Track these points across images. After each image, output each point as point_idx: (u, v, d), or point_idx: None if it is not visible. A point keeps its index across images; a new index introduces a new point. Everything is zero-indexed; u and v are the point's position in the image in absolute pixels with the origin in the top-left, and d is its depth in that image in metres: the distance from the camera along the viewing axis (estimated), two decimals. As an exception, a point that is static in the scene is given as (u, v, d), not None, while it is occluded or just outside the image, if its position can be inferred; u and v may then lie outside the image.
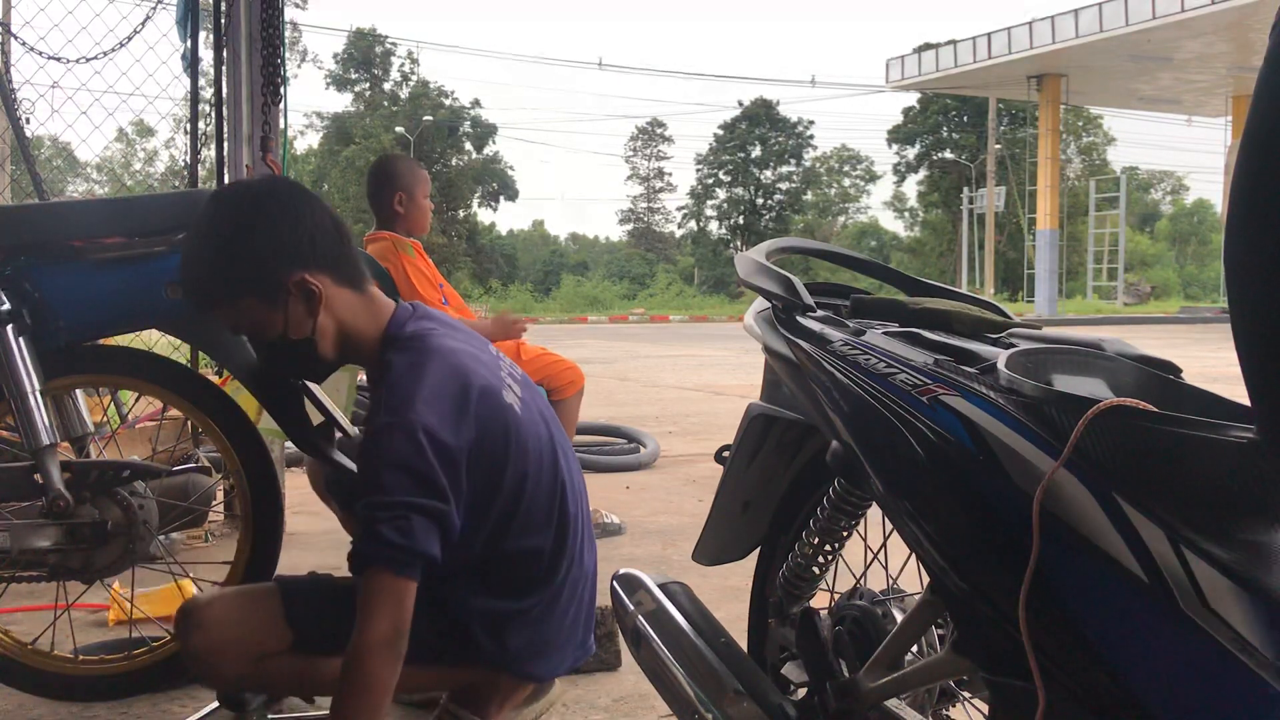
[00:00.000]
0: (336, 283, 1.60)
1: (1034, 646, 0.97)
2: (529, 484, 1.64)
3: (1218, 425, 0.91)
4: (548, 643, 1.70)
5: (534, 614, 1.66)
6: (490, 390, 1.61)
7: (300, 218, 1.59)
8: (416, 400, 1.51)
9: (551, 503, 1.67)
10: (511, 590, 1.65)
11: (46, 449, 2.00)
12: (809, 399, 1.34)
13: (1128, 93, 29.28)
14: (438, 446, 1.50)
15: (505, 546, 1.63)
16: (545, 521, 1.66)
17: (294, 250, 1.57)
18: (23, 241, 2.03)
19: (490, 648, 1.65)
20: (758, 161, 48.01)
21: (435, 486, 1.50)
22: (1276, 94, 0.78)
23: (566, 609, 1.71)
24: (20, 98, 4.20)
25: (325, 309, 1.60)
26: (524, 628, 1.66)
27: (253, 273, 1.57)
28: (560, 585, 1.68)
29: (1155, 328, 20.89)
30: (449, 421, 1.53)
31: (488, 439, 1.58)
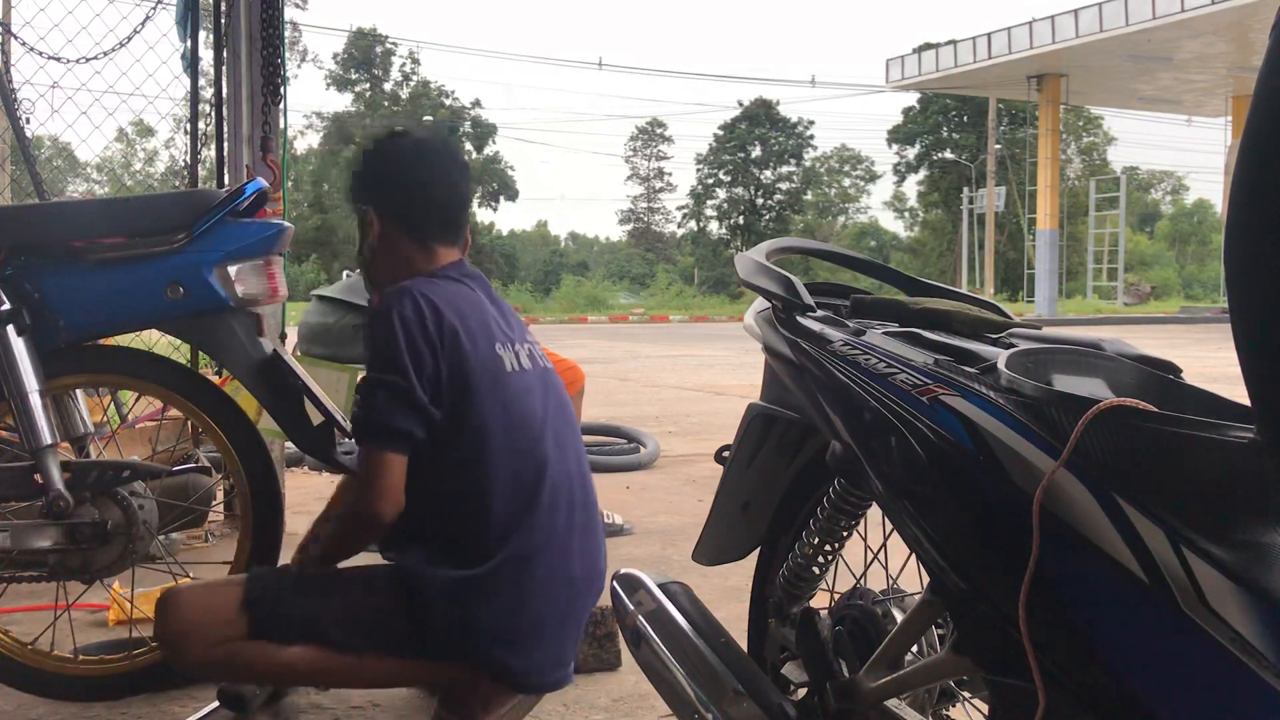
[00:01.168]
0: (399, 228, 1.85)
1: (1034, 646, 0.97)
2: (496, 436, 1.71)
3: (1218, 425, 0.91)
4: (516, 631, 1.70)
5: (492, 586, 1.68)
6: (482, 332, 1.76)
7: (404, 170, 1.87)
8: (405, 297, 1.72)
9: (523, 470, 1.72)
10: (464, 553, 1.69)
11: (46, 449, 2.00)
12: (809, 399, 1.34)
13: (1128, 93, 29.27)
14: (409, 333, 1.68)
15: (461, 496, 1.70)
16: (510, 483, 1.71)
17: (378, 191, 1.87)
18: (23, 241, 2.03)
19: (455, 624, 1.68)
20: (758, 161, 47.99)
21: (396, 365, 1.67)
22: (1276, 94, 0.78)
23: (538, 602, 1.71)
24: (20, 98, 4.20)
25: (381, 240, 1.86)
26: (484, 600, 1.68)
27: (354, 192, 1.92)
28: (522, 561, 1.69)
29: (1155, 328, 20.88)
30: (429, 319, 1.70)
31: (468, 361, 1.71)
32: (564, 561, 1.75)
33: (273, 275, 2.12)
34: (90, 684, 2.14)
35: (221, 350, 2.15)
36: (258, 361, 2.12)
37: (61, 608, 2.20)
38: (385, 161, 1.89)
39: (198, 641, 1.71)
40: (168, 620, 1.73)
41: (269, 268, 2.11)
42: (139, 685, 2.14)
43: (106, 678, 2.14)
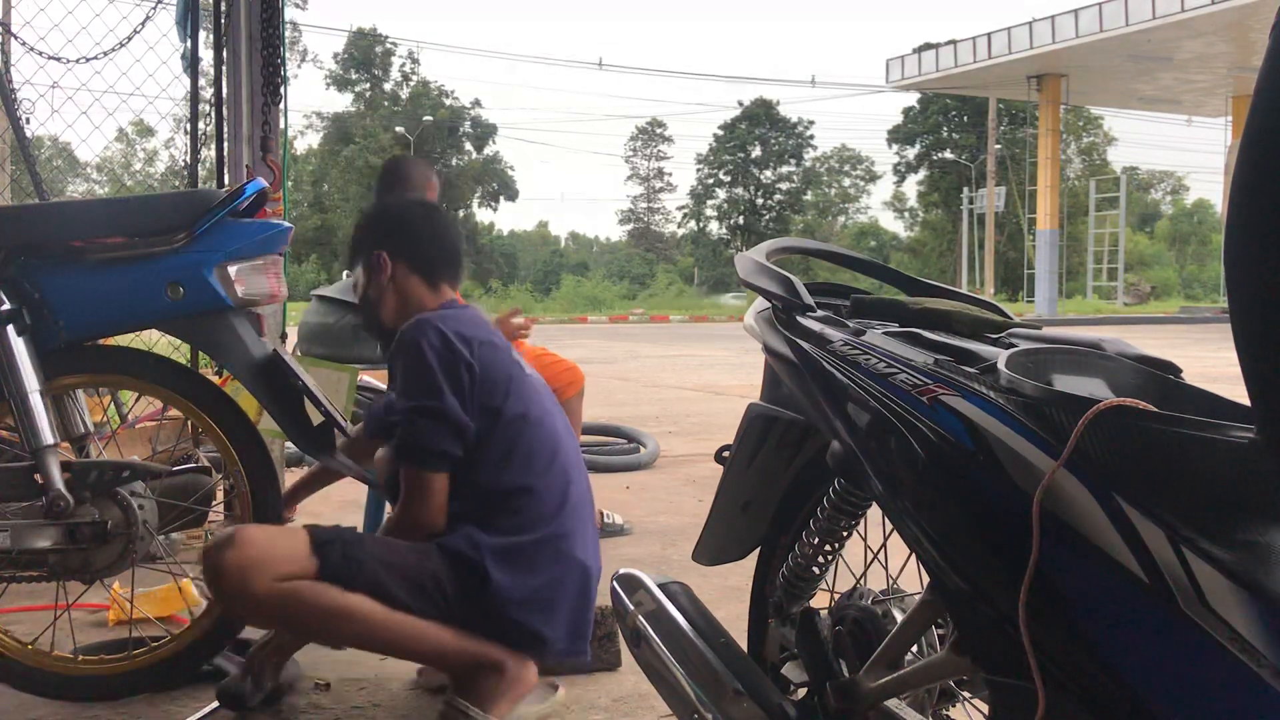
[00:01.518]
0: (412, 269, 2.08)
1: (1034, 646, 0.97)
2: (529, 425, 1.93)
3: (1218, 425, 0.91)
4: (549, 602, 1.88)
5: (536, 557, 1.87)
6: (498, 345, 1.97)
7: (418, 218, 2.12)
8: (427, 327, 1.90)
9: (552, 459, 1.94)
10: (513, 527, 1.87)
11: (46, 449, 2.00)
12: (809, 399, 1.34)
13: (1128, 93, 29.28)
14: (439, 356, 1.86)
15: (505, 481, 1.89)
16: (545, 468, 1.92)
17: (396, 236, 2.10)
18: (23, 241, 2.03)
19: (502, 587, 1.83)
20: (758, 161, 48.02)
21: (432, 388, 1.85)
22: (1276, 94, 0.78)
23: (566, 578, 1.90)
24: (20, 98, 4.20)
25: (393, 281, 2.08)
26: (528, 568, 1.86)
27: (363, 239, 2.14)
28: (559, 539, 1.90)
29: (1155, 328, 20.89)
30: (453, 340, 1.88)
31: (492, 371, 1.91)
32: (584, 547, 1.94)
33: (273, 275, 2.12)
34: (90, 684, 2.14)
35: (221, 350, 2.15)
36: (258, 361, 2.12)
37: (61, 608, 2.20)
38: (400, 211, 2.16)
39: (265, 573, 1.76)
40: (236, 549, 1.77)
41: (269, 268, 2.11)
42: (139, 685, 2.14)
43: (106, 678, 2.14)
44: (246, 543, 1.79)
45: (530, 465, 1.91)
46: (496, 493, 1.89)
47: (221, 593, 1.82)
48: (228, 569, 1.77)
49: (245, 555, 1.77)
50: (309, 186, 41.40)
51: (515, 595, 1.84)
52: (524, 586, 1.85)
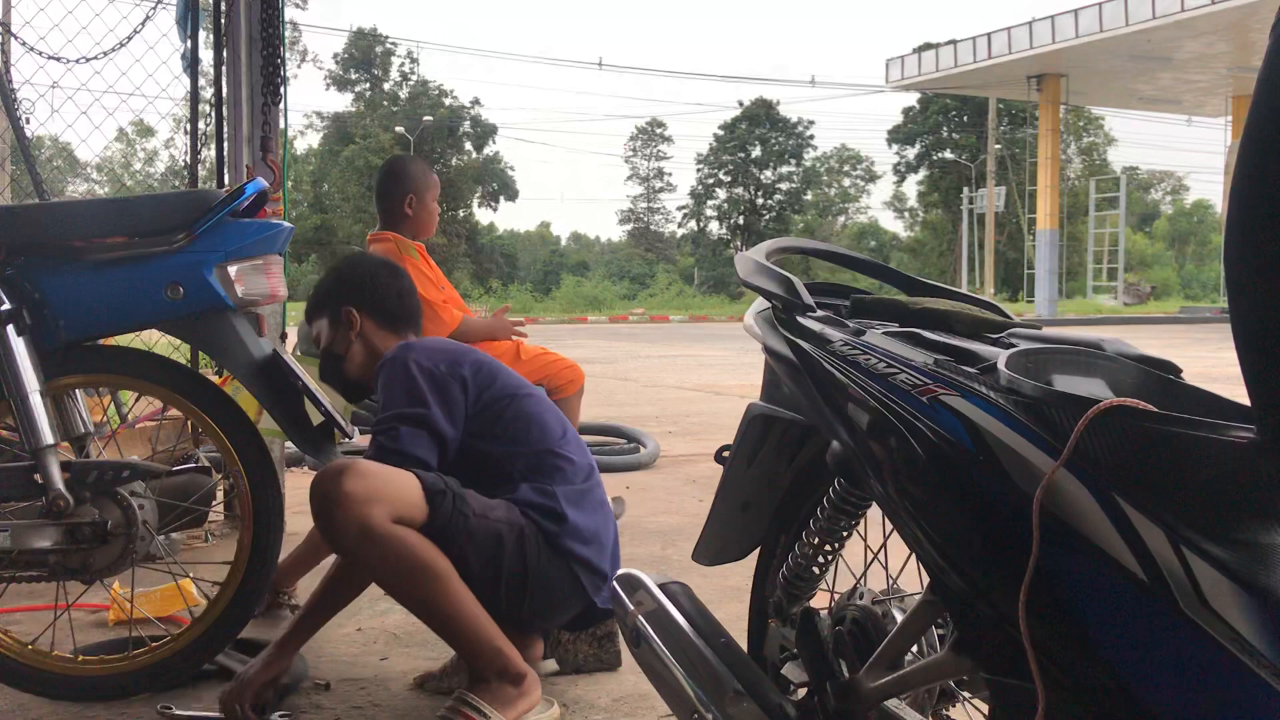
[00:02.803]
0: (378, 321, 2.26)
1: (1034, 646, 0.97)
2: (541, 402, 2.13)
3: (1218, 425, 0.91)
4: (604, 543, 2.06)
5: (588, 498, 2.06)
6: (482, 358, 2.13)
7: (378, 274, 2.29)
8: (408, 349, 2.06)
9: (566, 429, 2.13)
10: (565, 478, 2.05)
11: (46, 449, 2.00)
12: (809, 399, 1.34)
13: (1128, 93, 29.27)
14: (423, 370, 2.00)
15: (541, 443, 2.06)
16: (564, 435, 2.11)
17: (361, 293, 2.26)
18: (23, 241, 2.03)
19: (578, 523, 2.00)
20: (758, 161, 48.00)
21: (417, 396, 1.98)
22: (1276, 94, 0.78)
23: (611, 527, 2.09)
24: (20, 98, 4.20)
25: (361, 335, 2.25)
26: (586, 508, 2.04)
27: (328, 296, 2.29)
28: (596, 488, 2.10)
29: (1155, 328, 20.89)
30: (435, 361, 2.04)
31: (482, 372, 2.08)
32: (605, 512, 2.12)
33: (273, 275, 2.12)
34: (90, 684, 2.14)
35: (221, 350, 2.15)
36: (258, 361, 2.12)
37: (61, 608, 2.20)
38: (366, 269, 2.31)
39: (384, 509, 1.82)
40: (361, 479, 1.82)
41: (269, 268, 2.11)
42: (139, 685, 2.14)
43: (106, 678, 2.14)
44: (370, 474, 1.84)
45: (552, 433, 2.09)
46: (539, 453, 2.06)
47: (335, 521, 1.82)
48: (351, 497, 1.80)
49: (370, 487, 1.82)
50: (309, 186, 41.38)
51: (585, 533, 2.01)
52: (589, 525, 2.02)
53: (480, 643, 1.92)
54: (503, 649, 1.93)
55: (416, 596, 1.91)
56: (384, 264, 2.35)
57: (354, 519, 1.81)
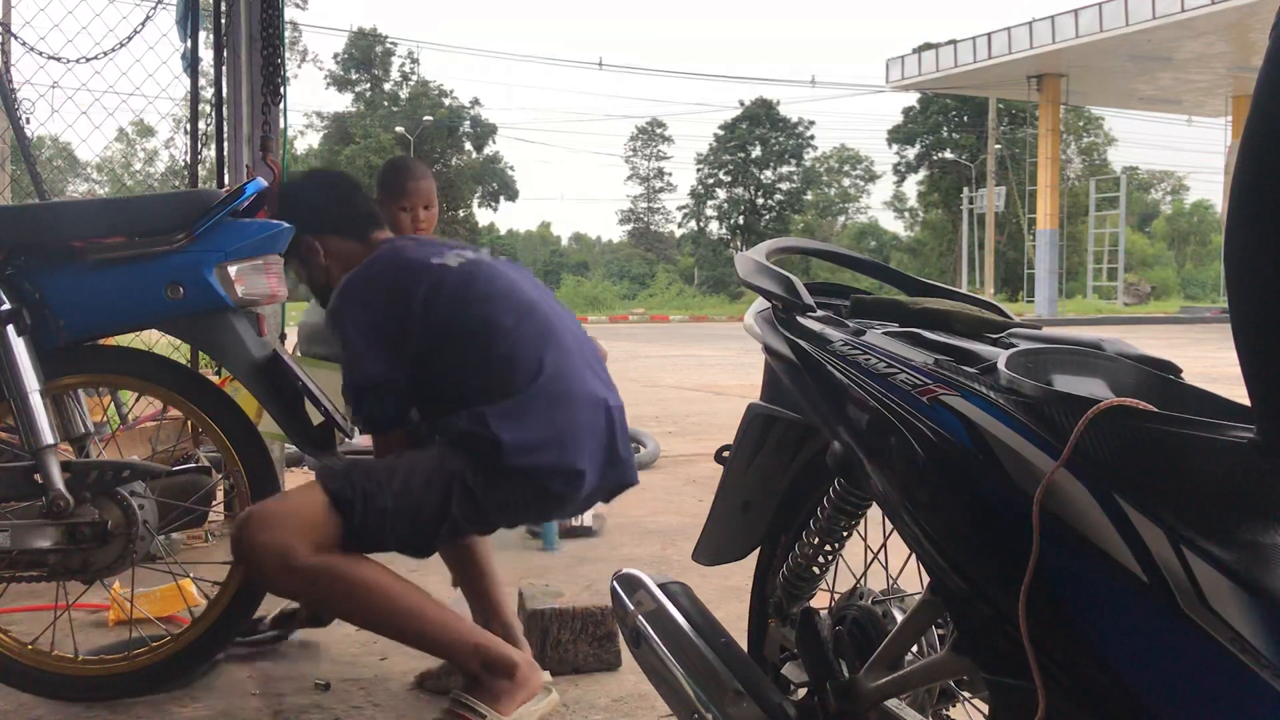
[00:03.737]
0: (341, 237, 2.17)
1: (1034, 646, 0.97)
2: (487, 302, 1.98)
3: (1218, 425, 0.91)
4: (569, 438, 1.91)
5: (538, 404, 1.91)
6: (419, 261, 2.02)
7: (319, 193, 2.23)
8: (342, 297, 1.99)
9: (520, 316, 1.98)
10: (506, 391, 1.92)
11: (46, 449, 2.00)
12: (809, 399, 1.34)
13: (1128, 93, 29.26)
14: (357, 324, 1.96)
15: (480, 359, 1.95)
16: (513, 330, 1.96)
17: (312, 219, 2.18)
18: (23, 241, 2.03)
19: (516, 440, 1.87)
20: (758, 161, 47.98)
21: (366, 366, 1.95)
22: (1276, 94, 0.78)
23: (578, 412, 1.94)
24: (20, 98, 4.20)
25: (331, 257, 2.17)
26: (532, 416, 1.91)
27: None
28: (554, 381, 1.94)
29: (1155, 328, 20.88)
30: (372, 306, 1.96)
31: (430, 293, 1.96)
32: (588, 383, 1.99)
33: (273, 275, 2.12)
34: (90, 684, 2.14)
35: (221, 350, 2.15)
36: (258, 361, 2.12)
37: (61, 608, 2.20)
38: (298, 194, 2.26)
39: (302, 544, 1.79)
40: (266, 531, 1.79)
41: (269, 268, 2.11)
42: (139, 685, 2.14)
43: (106, 678, 2.14)
44: (270, 518, 1.81)
45: (498, 334, 1.95)
46: (477, 371, 1.95)
47: (261, 574, 1.85)
48: (263, 548, 1.79)
49: (276, 532, 1.79)
50: (308, 186, 41.31)
51: (531, 443, 1.88)
52: (536, 434, 1.89)
53: (454, 643, 1.90)
54: (482, 643, 1.91)
55: (371, 616, 1.90)
56: (315, 184, 2.31)
57: (275, 567, 1.80)
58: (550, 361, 1.95)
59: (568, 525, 3.56)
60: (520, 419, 1.90)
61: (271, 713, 2.09)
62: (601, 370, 2.08)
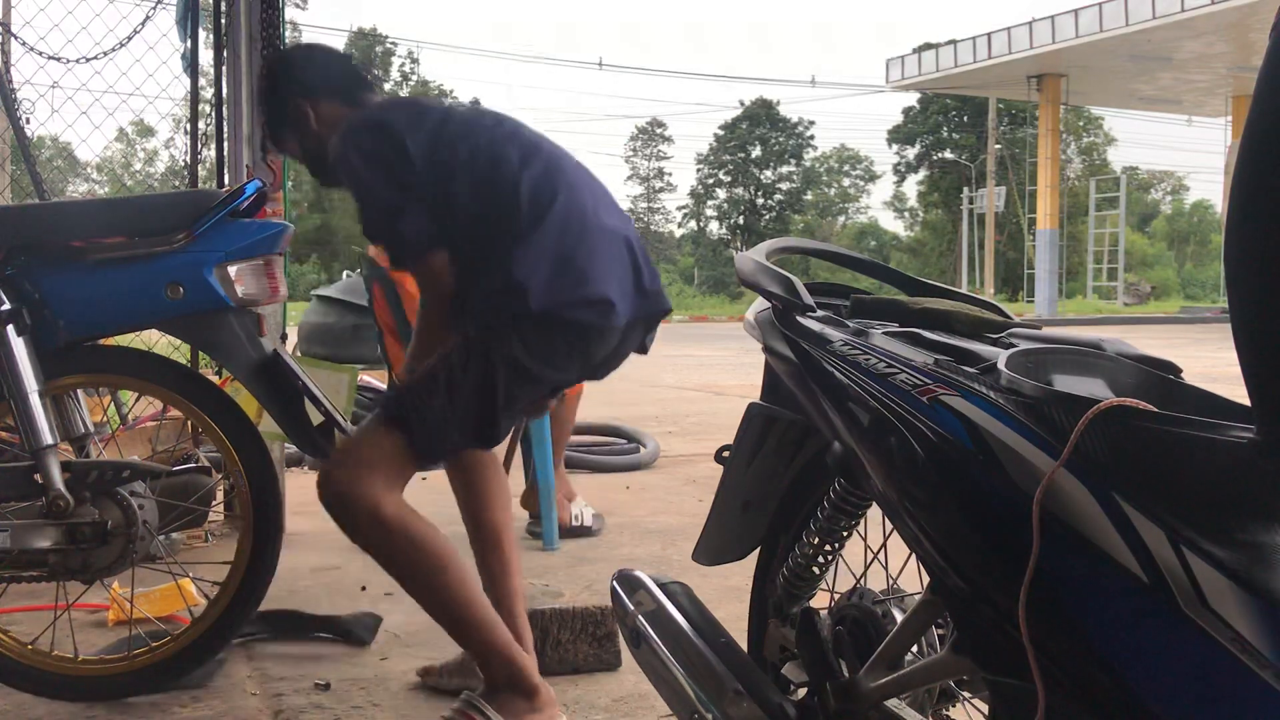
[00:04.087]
0: (333, 101, 2.13)
1: (1034, 646, 0.97)
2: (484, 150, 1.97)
3: (1218, 425, 0.91)
4: (587, 268, 1.90)
5: (545, 242, 1.89)
6: (413, 110, 2.03)
7: (312, 60, 2.21)
8: (344, 140, 1.98)
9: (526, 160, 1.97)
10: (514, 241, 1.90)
11: (46, 449, 2.01)
12: (809, 399, 1.34)
13: (1128, 93, 29.24)
14: (364, 154, 1.95)
15: (486, 202, 1.93)
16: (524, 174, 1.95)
17: (303, 84, 2.15)
18: (23, 241, 2.03)
19: (538, 281, 1.86)
20: (758, 161, 47.98)
21: (375, 191, 1.94)
22: (1276, 94, 0.78)
23: (590, 241, 1.93)
24: (20, 98, 4.20)
25: (321, 122, 2.12)
26: (546, 254, 1.89)
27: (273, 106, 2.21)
28: (562, 218, 1.92)
29: (1155, 328, 20.87)
30: (375, 131, 1.96)
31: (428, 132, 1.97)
32: (600, 217, 1.98)
33: (273, 275, 2.13)
34: (90, 684, 2.14)
35: (221, 350, 2.15)
36: (258, 361, 2.12)
37: (61, 608, 2.20)
38: (286, 62, 2.25)
39: (382, 482, 1.83)
40: (344, 469, 1.84)
41: (269, 268, 2.11)
42: (139, 685, 2.15)
43: (106, 678, 2.14)
44: (354, 472, 1.83)
45: (507, 169, 1.95)
46: (491, 208, 1.94)
47: (346, 521, 1.87)
48: (356, 505, 1.83)
49: (362, 487, 1.82)
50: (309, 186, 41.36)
51: (553, 282, 1.87)
52: (556, 271, 1.88)
53: (491, 649, 1.90)
54: (515, 659, 1.90)
55: (425, 591, 1.90)
56: (302, 51, 2.31)
57: (366, 519, 1.83)
58: (562, 196, 1.94)
59: (568, 525, 3.56)
60: (538, 260, 1.89)
61: (271, 713, 2.09)
62: (611, 203, 2.07)
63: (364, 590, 2.89)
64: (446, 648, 2.27)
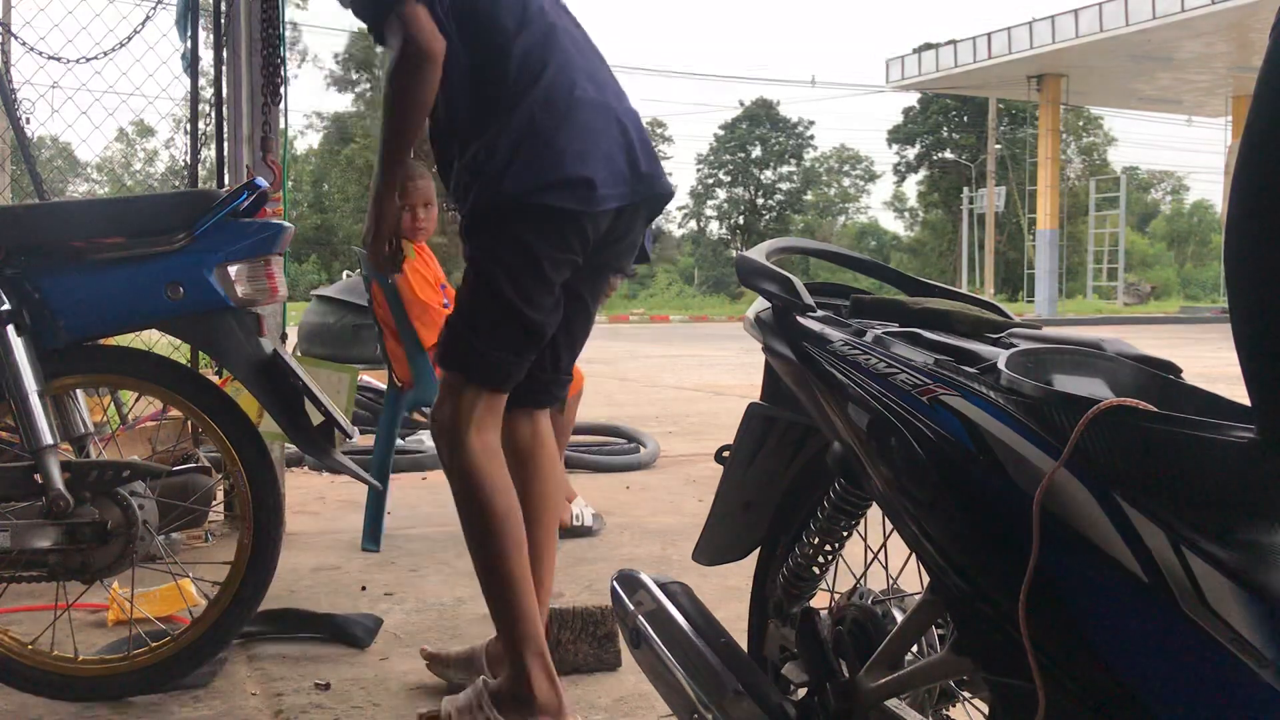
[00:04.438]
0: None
1: (1034, 646, 0.97)
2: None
3: (1218, 425, 0.91)
4: (569, 149, 1.84)
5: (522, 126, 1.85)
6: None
7: None
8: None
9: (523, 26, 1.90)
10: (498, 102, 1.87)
11: (46, 449, 2.01)
12: (809, 399, 1.34)
13: (1128, 93, 29.25)
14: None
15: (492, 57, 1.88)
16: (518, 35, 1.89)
17: None
18: (23, 241, 2.03)
19: (514, 174, 1.83)
20: (758, 161, 47.98)
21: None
22: (1276, 94, 0.78)
23: (590, 123, 1.88)
24: (20, 98, 4.20)
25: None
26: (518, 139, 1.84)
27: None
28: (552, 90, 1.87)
29: (1155, 328, 20.87)
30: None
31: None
32: (589, 91, 1.91)
33: (273, 275, 2.13)
34: (90, 684, 2.14)
35: (221, 350, 2.15)
36: (258, 361, 2.12)
37: (61, 608, 2.20)
38: None
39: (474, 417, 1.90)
40: (445, 406, 1.92)
41: (269, 268, 2.11)
42: (139, 685, 2.15)
43: (106, 678, 2.14)
44: (449, 421, 1.90)
45: (499, 36, 1.89)
46: (479, 73, 1.89)
47: (441, 453, 1.96)
48: (449, 427, 1.91)
49: (457, 437, 1.89)
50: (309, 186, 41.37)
51: (526, 163, 1.84)
52: (529, 152, 1.84)
53: (519, 633, 1.90)
54: (540, 655, 1.90)
55: (479, 548, 1.92)
56: None
57: (451, 449, 1.92)
58: (549, 70, 1.88)
59: (568, 525, 3.56)
60: (515, 141, 1.85)
61: (272, 713, 2.09)
62: (605, 79, 1.99)
63: (364, 590, 2.89)
64: (448, 648, 2.28)
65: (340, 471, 2.24)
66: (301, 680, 2.26)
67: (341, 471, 2.24)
